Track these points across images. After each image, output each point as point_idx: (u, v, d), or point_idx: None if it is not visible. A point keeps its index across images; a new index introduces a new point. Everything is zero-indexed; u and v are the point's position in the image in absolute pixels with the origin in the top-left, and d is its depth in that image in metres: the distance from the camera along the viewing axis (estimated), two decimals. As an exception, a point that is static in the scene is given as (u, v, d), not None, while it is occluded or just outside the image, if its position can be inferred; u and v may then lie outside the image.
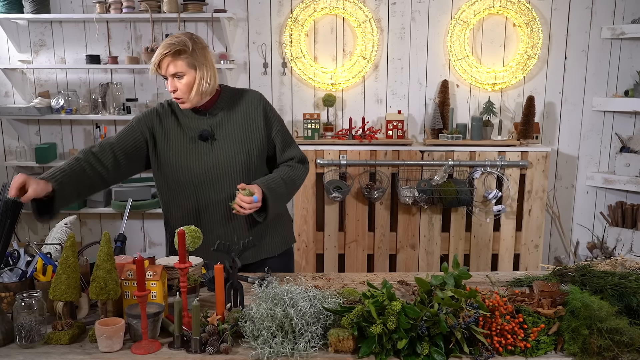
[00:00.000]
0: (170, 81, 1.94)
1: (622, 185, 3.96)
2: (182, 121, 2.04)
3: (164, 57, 1.91)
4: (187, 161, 2.01)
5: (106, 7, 3.83)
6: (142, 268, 1.46)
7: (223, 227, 2.06)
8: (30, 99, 4.06)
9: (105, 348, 1.43)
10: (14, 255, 1.78)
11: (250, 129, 2.06)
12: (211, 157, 2.02)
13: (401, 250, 3.86)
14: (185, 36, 1.95)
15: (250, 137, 2.05)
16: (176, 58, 1.91)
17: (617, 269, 1.86)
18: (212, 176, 2.02)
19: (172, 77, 1.93)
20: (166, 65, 1.92)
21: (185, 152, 2.01)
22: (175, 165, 2.02)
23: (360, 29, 3.92)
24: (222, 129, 2.04)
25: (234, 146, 2.03)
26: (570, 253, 4.25)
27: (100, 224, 4.27)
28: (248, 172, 2.05)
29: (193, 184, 2.03)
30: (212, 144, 2.02)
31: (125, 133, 2.04)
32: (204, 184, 2.02)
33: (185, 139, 2.03)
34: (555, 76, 4.04)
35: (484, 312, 1.44)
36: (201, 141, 2.01)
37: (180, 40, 1.92)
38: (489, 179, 3.78)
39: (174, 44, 1.91)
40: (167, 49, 1.90)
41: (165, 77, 1.95)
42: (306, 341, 1.40)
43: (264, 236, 2.13)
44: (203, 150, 2.02)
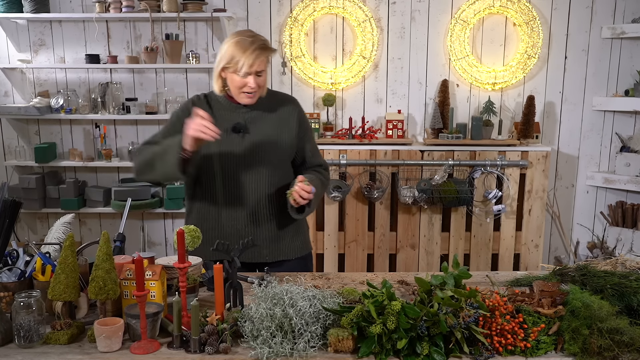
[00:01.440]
0: (253, 78, 1.95)
1: (623, 185, 3.95)
2: (217, 113, 2.05)
3: (261, 54, 1.93)
4: (218, 152, 2.02)
5: (106, 7, 3.83)
6: (141, 268, 1.45)
7: (246, 223, 2.07)
8: (30, 98, 4.05)
9: (104, 348, 1.42)
10: (13, 254, 1.78)
11: (283, 129, 2.08)
12: (240, 150, 2.03)
13: (401, 250, 3.86)
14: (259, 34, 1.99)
15: (281, 137, 2.08)
16: (265, 53, 1.95)
17: (618, 269, 1.85)
18: (240, 169, 2.03)
19: (255, 74, 1.95)
20: (258, 62, 1.94)
21: (217, 144, 2.00)
22: (207, 155, 2.03)
23: (360, 29, 3.92)
24: (255, 125, 2.05)
25: (264, 143, 2.05)
26: (571, 253, 4.25)
27: (100, 224, 4.27)
28: (274, 170, 2.08)
29: (221, 177, 2.04)
30: (244, 137, 2.03)
31: (169, 130, 2.04)
32: (232, 176, 2.04)
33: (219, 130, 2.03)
34: (556, 76, 4.04)
35: (484, 312, 1.44)
36: (234, 133, 2.03)
37: (264, 38, 1.98)
38: (489, 178, 3.78)
39: (264, 43, 1.96)
40: (263, 47, 1.94)
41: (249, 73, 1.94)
42: (305, 341, 1.40)
43: (286, 236, 2.15)
44: (234, 142, 2.03)
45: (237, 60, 1.92)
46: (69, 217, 2.04)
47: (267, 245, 2.11)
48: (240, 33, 1.98)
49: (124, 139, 4.13)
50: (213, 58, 4.02)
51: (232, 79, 1.97)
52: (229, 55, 1.94)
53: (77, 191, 4.00)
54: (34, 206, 3.97)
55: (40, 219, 4.25)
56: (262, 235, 2.09)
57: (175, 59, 3.88)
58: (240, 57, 1.91)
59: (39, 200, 3.97)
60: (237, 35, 1.97)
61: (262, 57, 1.94)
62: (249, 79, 1.94)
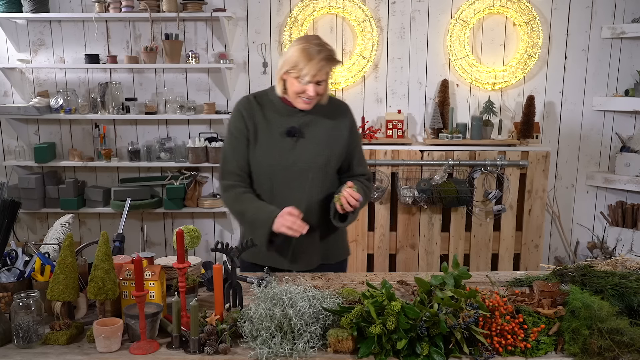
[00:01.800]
0: (312, 87, 1.92)
1: (623, 184, 3.95)
2: (269, 116, 2.03)
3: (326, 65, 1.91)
4: (269, 155, 2.01)
5: (105, 7, 3.82)
6: (140, 268, 1.45)
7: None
8: (29, 98, 4.05)
9: (103, 348, 1.42)
10: (12, 255, 1.77)
11: (335, 135, 2.07)
12: (292, 154, 2.01)
13: (401, 250, 3.86)
14: (326, 43, 1.95)
15: (333, 143, 2.06)
16: (329, 65, 1.93)
17: (618, 269, 1.85)
18: (290, 173, 2.02)
19: (316, 82, 1.93)
20: (322, 72, 1.91)
21: (268, 147, 2.01)
22: (259, 159, 2.02)
23: (360, 29, 3.91)
24: (309, 129, 2.04)
25: (316, 148, 2.03)
26: (570, 253, 4.24)
27: (100, 224, 4.27)
28: (325, 175, 2.06)
29: (270, 180, 2.03)
30: (297, 141, 2.02)
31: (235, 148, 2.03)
32: (281, 181, 2.03)
33: (271, 134, 2.02)
34: (556, 76, 4.03)
35: (484, 312, 1.44)
36: (288, 137, 2.01)
37: (330, 48, 1.94)
38: (489, 178, 3.78)
39: (331, 54, 1.92)
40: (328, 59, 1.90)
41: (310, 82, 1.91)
42: (305, 341, 1.40)
43: (332, 241, 2.15)
44: (286, 146, 2.01)
45: (300, 67, 1.89)
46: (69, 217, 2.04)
47: (315, 252, 2.11)
48: (307, 40, 1.94)
49: (124, 139, 4.13)
50: (212, 58, 4.02)
51: (292, 83, 1.94)
52: (293, 61, 1.90)
53: (76, 191, 3.99)
54: (33, 206, 3.96)
55: (40, 219, 4.24)
56: (311, 240, 2.07)
57: (175, 59, 3.88)
58: (304, 65, 1.88)
59: (39, 200, 3.97)
60: (304, 41, 1.93)
61: (327, 69, 1.92)
62: (309, 87, 1.92)
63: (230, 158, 2.05)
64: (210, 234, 4.27)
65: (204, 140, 3.96)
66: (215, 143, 3.92)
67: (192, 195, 3.99)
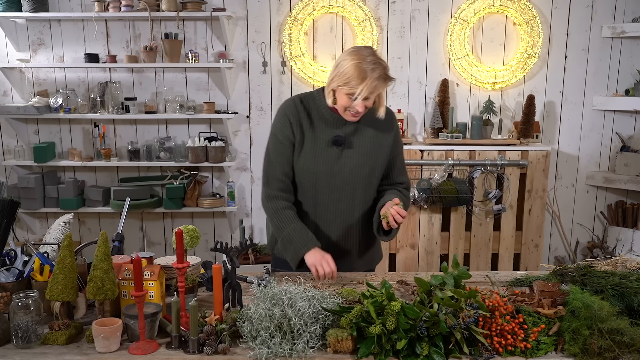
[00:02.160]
0: (362, 103, 1.87)
1: (623, 184, 3.95)
2: (316, 123, 2.00)
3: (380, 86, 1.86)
4: (314, 164, 1.99)
5: (105, 6, 3.82)
6: (139, 268, 1.45)
7: (338, 235, 2.06)
8: (29, 98, 4.04)
9: (103, 348, 1.42)
10: (11, 254, 1.77)
11: (379, 144, 2.04)
12: (338, 164, 2.00)
13: (401, 250, 3.85)
14: (380, 58, 1.89)
15: (377, 152, 2.04)
16: (384, 85, 1.88)
17: (618, 269, 1.85)
18: (334, 182, 2.00)
19: (366, 99, 1.87)
20: (375, 92, 1.87)
21: (314, 154, 1.99)
22: (303, 167, 2.00)
23: (359, 28, 3.91)
24: (355, 139, 2.01)
25: (361, 157, 2.01)
26: (570, 253, 4.24)
27: (99, 224, 4.27)
28: (369, 185, 2.05)
29: (314, 189, 2.02)
30: (342, 151, 2.00)
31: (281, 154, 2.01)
32: (324, 190, 2.01)
33: (317, 142, 2.00)
34: (556, 75, 4.03)
35: (484, 312, 1.43)
36: (334, 146, 1.99)
37: (385, 65, 1.87)
38: (489, 178, 3.77)
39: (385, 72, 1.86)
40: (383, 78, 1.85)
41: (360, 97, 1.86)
42: (305, 342, 1.39)
43: (371, 248, 2.15)
44: (331, 155, 1.99)
45: (353, 85, 1.84)
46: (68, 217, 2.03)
47: (356, 259, 2.11)
48: (361, 55, 1.85)
49: (123, 138, 4.12)
50: (212, 57, 4.01)
51: (342, 97, 1.90)
52: (346, 77, 1.85)
53: (76, 191, 3.99)
54: (32, 206, 3.96)
55: (39, 219, 4.24)
56: (352, 247, 2.08)
57: (175, 59, 3.87)
58: (357, 84, 1.83)
59: (38, 200, 3.96)
60: (359, 56, 1.85)
61: (380, 88, 1.87)
62: (357, 103, 1.88)
63: (275, 163, 2.02)
64: (209, 233, 4.27)
65: (203, 139, 3.95)
66: (215, 142, 3.92)
67: (192, 195, 3.99)
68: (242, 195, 4.22)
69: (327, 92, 1.95)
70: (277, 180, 2.02)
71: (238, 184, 4.19)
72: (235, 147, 4.13)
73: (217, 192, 4.13)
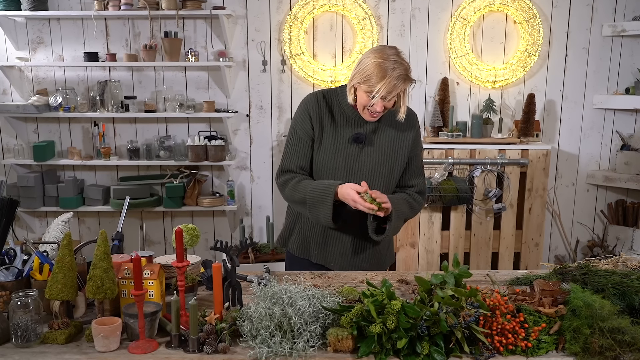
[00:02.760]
0: (380, 102, 1.88)
1: (623, 183, 3.95)
2: (337, 119, 2.01)
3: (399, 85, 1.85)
4: (334, 160, 1.99)
5: (104, 4, 3.81)
6: (139, 267, 1.44)
7: (354, 234, 2.05)
8: (28, 96, 4.04)
9: (102, 347, 1.41)
10: (11, 253, 1.77)
11: (400, 144, 2.04)
12: (357, 162, 2.00)
13: (401, 249, 3.85)
14: (404, 59, 1.88)
15: (397, 152, 2.03)
16: (403, 86, 1.86)
17: (619, 268, 1.84)
18: (353, 180, 1.97)
19: (384, 98, 1.87)
20: (394, 92, 1.86)
21: (334, 151, 1.99)
22: (322, 163, 2.00)
23: (360, 26, 3.90)
24: (375, 137, 2.01)
25: (381, 156, 2.01)
26: (571, 251, 4.24)
27: (99, 223, 4.26)
28: (387, 185, 2.04)
29: None
30: (362, 149, 2.00)
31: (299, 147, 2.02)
32: None
33: (337, 138, 1.99)
34: (556, 74, 4.02)
35: (485, 311, 1.43)
36: (354, 144, 1.99)
37: (406, 66, 1.87)
38: (489, 177, 3.77)
39: (406, 72, 1.85)
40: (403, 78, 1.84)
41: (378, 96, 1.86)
42: (305, 341, 1.39)
43: (384, 247, 2.15)
44: (351, 152, 1.99)
45: (372, 83, 1.84)
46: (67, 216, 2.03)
47: (368, 259, 2.10)
48: (384, 53, 1.86)
49: (123, 137, 4.12)
50: (212, 56, 4.01)
51: (362, 95, 1.90)
52: (366, 74, 1.86)
53: (75, 190, 3.99)
54: (32, 205, 3.96)
55: (39, 218, 4.24)
56: (365, 248, 2.08)
57: (174, 57, 3.87)
58: (377, 82, 1.83)
59: (38, 199, 3.96)
60: (381, 54, 1.85)
61: (400, 88, 1.85)
62: (377, 102, 1.88)
63: (291, 157, 2.03)
64: (209, 232, 4.27)
65: (203, 138, 3.95)
66: (215, 141, 3.91)
67: (192, 194, 3.99)
68: (242, 194, 4.22)
69: (349, 88, 1.96)
70: (290, 172, 2.03)
71: (238, 183, 4.19)
72: (235, 146, 4.12)
73: (217, 191, 4.13)
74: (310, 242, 2.09)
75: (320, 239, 2.07)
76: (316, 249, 2.08)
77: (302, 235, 2.11)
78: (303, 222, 2.10)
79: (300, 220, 2.12)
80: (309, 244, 2.09)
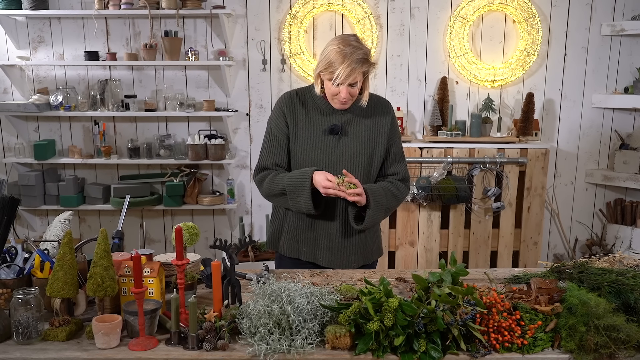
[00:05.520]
0: (345, 89, 1.91)
1: (622, 182, 3.96)
2: (311, 113, 2.03)
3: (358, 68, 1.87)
4: (312, 153, 2.01)
5: (105, 4, 3.82)
6: (139, 265, 1.46)
7: (337, 226, 2.07)
8: (29, 95, 4.05)
9: (103, 344, 1.43)
10: (12, 251, 1.78)
11: (377, 133, 2.06)
12: (335, 153, 2.02)
13: (400, 247, 3.86)
14: (363, 44, 1.92)
15: (375, 140, 2.05)
16: (361, 68, 1.89)
17: (615, 266, 1.86)
18: (333, 172, 1.99)
19: (348, 85, 1.91)
20: (354, 75, 1.88)
21: (311, 144, 2.01)
22: (301, 157, 2.02)
23: (359, 26, 3.91)
24: (351, 127, 2.03)
25: (359, 145, 2.03)
26: (569, 250, 4.25)
27: (99, 221, 4.27)
28: (368, 173, 2.06)
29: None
30: (339, 140, 2.02)
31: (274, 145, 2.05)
32: None
33: (313, 131, 2.02)
34: (555, 73, 4.03)
35: (481, 309, 1.44)
36: (331, 135, 2.01)
37: (366, 50, 1.90)
38: (488, 175, 3.78)
39: (364, 56, 1.88)
40: (361, 61, 1.87)
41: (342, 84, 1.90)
42: (303, 338, 1.40)
43: (370, 241, 2.15)
44: (329, 144, 2.01)
45: (333, 69, 1.88)
46: (68, 214, 2.04)
47: (355, 251, 2.11)
48: (344, 40, 1.91)
49: (123, 136, 4.13)
50: (212, 55, 4.02)
51: (327, 84, 1.94)
52: (327, 61, 1.90)
53: (76, 188, 4.00)
54: (33, 203, 3.97)
55: (40, 216, 4.25)
56: (352, 241, 2.08)
57: (175, 56, 3.88)
58: (337, 67, 1.86)
59: (38, 197, 3.97)
60: (341, 41, 1.90)
61: (359, 71, 1.88)
62: (341, 89, 1.91)
63: (267, 155, 2.06)
64: (209, 231, 4.28)
65: (203, 137, 3.96)
66: (215, 140, 3.92)
67: (192, 193, 4.00)
68: (242, 192, 4.23)
69: (315, 78, 1.99)
70: (266, 170, 2.06)
71: (238, 182, 4.20)
72: (235, 145, 4.14)
73: (217, 190, 4.14)
74: (299, 241, 2.10)
75: (310, 234, 2.08)
76: (305, 246, 2.09)
77: (291, 235, 2.12)
78: (290, 221, 2.11)
79: (288, 220, 2.13)
80: (299, 242, 2.10)
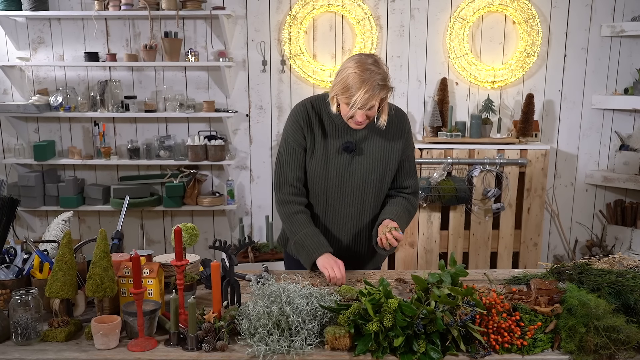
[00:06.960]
0: (362, 113, 1.85)
1: (622, 183, 3.95)
2: (327, 128, 2.00)
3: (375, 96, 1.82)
4: (325, 170, 2.00)
5: (104, 4, 3.82)
6: (138, 265, 1.46)
7: (348, 239, 2.09)
8: (29, 96, 4.05)
9: (102, 345, 1.42)
10: (11, 252, 1.78)
11: (390, 149, 2.04)
12: (348, 170, 2.01)
13: (400, 248, 3.86)
14: (383, 68, 1.86)
15: (388, 156, 2.04)
16: (379, 95, 1.83)
17: (615, 267, 1.85)
18: (346, 189, 2.01)
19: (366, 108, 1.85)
20: (371, 102, 1.82)
21: (325, 160, 2.00)
22: (314, 172, 2.02)
23: (359, 27, 3.91)
24: (366, 144, 2.01)
25: (372, 163, 2.02)
26: (569, 251, 4.25)
27: (99, 222, 4.27)
28: (379, 191, 2.06)
29: (325, 194, 2.03)
30: (353, 157, 2.00)
31: (292, 158, 2.03)
32: (335, 195, 2.03)
33: (328, 148, 2.00)
34: (555, 74, 4.03)
35: (481, 309, 1.44)
36: (344, 153, 1.99)
37: (384, 74, 1.84)
38: (488, 176, 3.78)
39: (382, 82, 1.82)
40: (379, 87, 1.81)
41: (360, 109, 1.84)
42: (302, 339, 1.40)
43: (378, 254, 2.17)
44: (342, 161, 2.00)
45: (350, 95, 1.82)
46: (67, 215, 2.04)
47: (365, 261, 2.15)
48: (362, 64, 1.83)
49: (123, 137, 4.13)
50: (212, 56, 4.02)
51: (342, 105, 1.89)
52: (344, 85, 1.83)
53: (76, 189, 4.00)
54: (32, 204, 3.97)
55: (39, 217, 4.25)
56: (362, 250, 2.12)
57: (174, 57, 3.88)
58: (354, 92, 1.81)
59: (38, 198, 3.97)
60: (359, 65, 1.82)
61: (377, 98, 1.83)
62: (357, 113, 1.86)
63: (287, 169, 2.04)
64: (209, 232, 4.28)
65: (203, 138, 3.96)
66: (215, 141, 3.92)
67: (192, 193, 4.00)
68: (242, 193, 4.23)
69: (331, 98, 1.94)
70: (289, 185, 2.04)
71: (237, 183, 4.20)
72: (235, 146, 4.13)
73: (217, 191, 4.14)
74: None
75: None
76: None
77: None
78: None
79: None
80: None
